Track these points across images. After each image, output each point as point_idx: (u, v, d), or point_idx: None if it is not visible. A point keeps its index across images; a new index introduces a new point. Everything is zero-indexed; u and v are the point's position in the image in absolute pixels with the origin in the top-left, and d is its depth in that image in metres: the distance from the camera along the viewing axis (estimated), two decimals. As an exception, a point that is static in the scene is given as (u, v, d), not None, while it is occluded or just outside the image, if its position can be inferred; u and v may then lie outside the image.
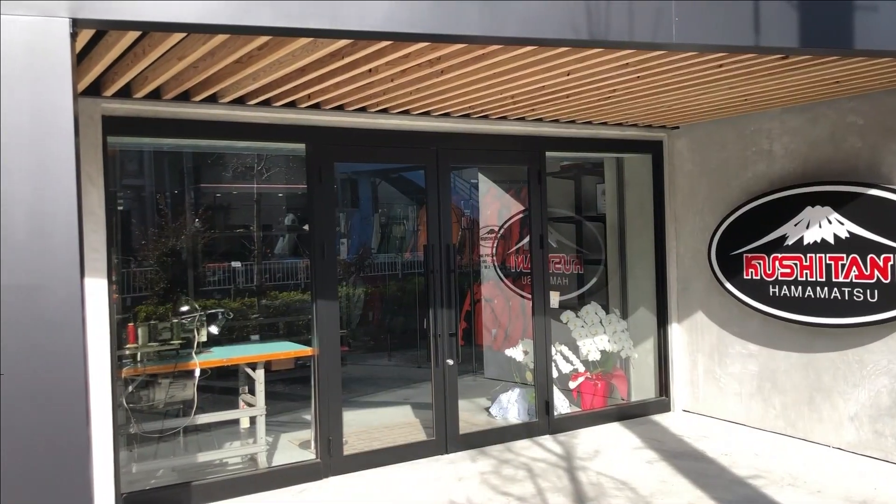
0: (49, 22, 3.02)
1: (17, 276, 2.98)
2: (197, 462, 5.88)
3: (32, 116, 2.99)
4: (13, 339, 2.94)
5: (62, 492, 3.02)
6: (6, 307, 2.91)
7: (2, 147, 2.96)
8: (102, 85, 4.74)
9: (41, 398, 2.99)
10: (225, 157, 16.07)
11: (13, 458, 2.96)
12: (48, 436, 2.99)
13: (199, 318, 5.80)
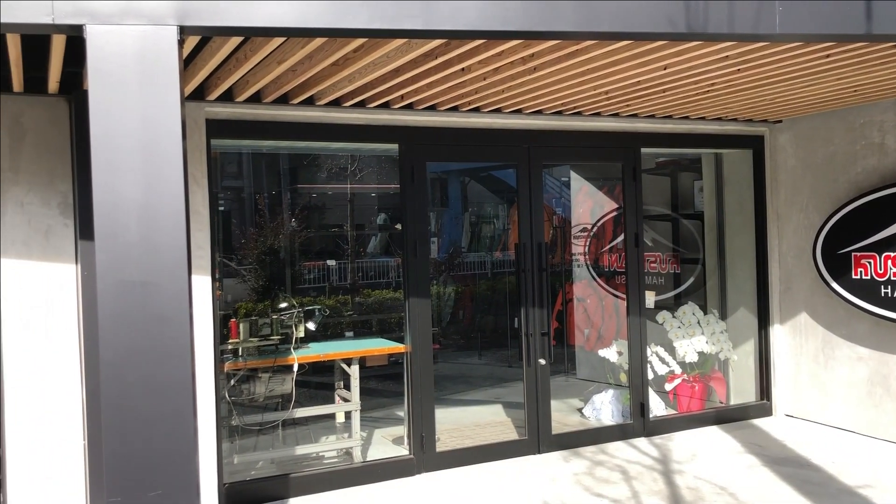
0: (158, 30, 3.15)
1: (129, 273, 3.12)
2: (295, 455, 6.05)
3: (143, 121, 3.13)
4: (127, 333, 3.09)
5: (170, 479, 3.15)
6: (122, 301, 3.07)
7: (116, 150, 3.12)
8: (206, 89, 4.93)
9: (152, 389, 3.12)
10: (319, 159, 16.45)
11: (120, 445, 3.11)
12: (158, 425, 3.13)
13: (297, 315, 5.96)
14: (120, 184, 3.13)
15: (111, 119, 3.12)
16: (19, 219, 4.72)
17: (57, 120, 4.81)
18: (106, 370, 3.10)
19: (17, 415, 4.72)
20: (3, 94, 4.66)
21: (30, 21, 3.11)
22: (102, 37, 3.14)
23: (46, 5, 3.11)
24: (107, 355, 3.10)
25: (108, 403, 3.10)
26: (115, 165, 3.13)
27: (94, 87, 3.11)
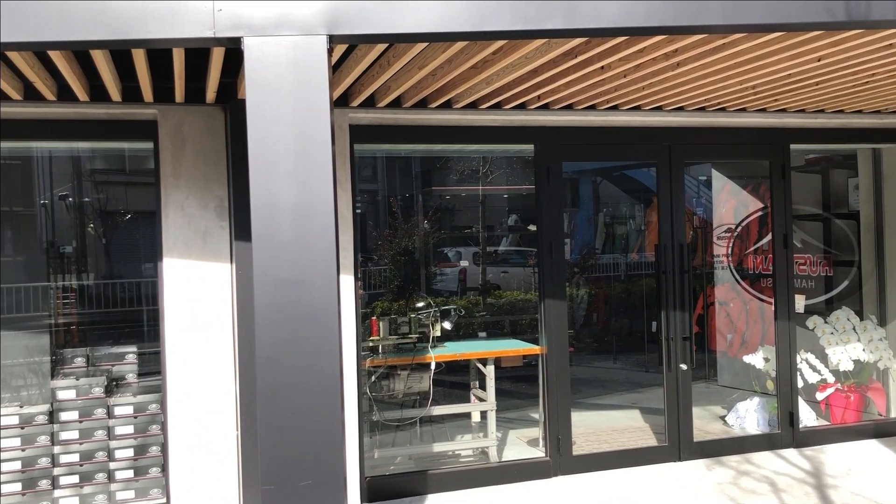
0: (309, 40, 3.29)
1: (284, 272, 3.27)
2: (432, 452, 6.16)
3: (295, 127, 3.27)
4: (280, 329, 3.25)
5: (319, 470, 3.27)
6: (277, 299, 3.22)
7: (271, 155, 3.28)
8: (350, 96, 5.10)
9: (303, 382, 3.26)
10: (451, 161, 16.66)
11: (274, 435, 3.27)
12: (308, 417, 3.26)
13: (434, 314, 6.07)
14: (275, 187, 3.29)
15: (267, 126, 3.29)
16: (180, 221, 5.05)
17: (213, 128, 5.11)
18: (262, 364, 3.27)
19: (178, 405, 5.05)
20: (166, 105, 5.00)
21: (194, 36, 3.31)
22: (258, 48, 3.31)
23: (208, 20, 3.30)
24: (262, 350, 3.27)
25: (263, 396, 3.27)
26: (271, 170, 3.29)
27: (252, 96, 3.29)
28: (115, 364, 5.45)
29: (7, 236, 6.38)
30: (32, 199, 6.18)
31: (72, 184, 6.55)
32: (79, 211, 6.42)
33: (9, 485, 5.02)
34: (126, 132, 5.10)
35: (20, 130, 4.94)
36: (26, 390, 5.48)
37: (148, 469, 5.23)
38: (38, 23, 3.24)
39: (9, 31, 3.26)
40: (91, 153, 6.16)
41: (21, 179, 6.13)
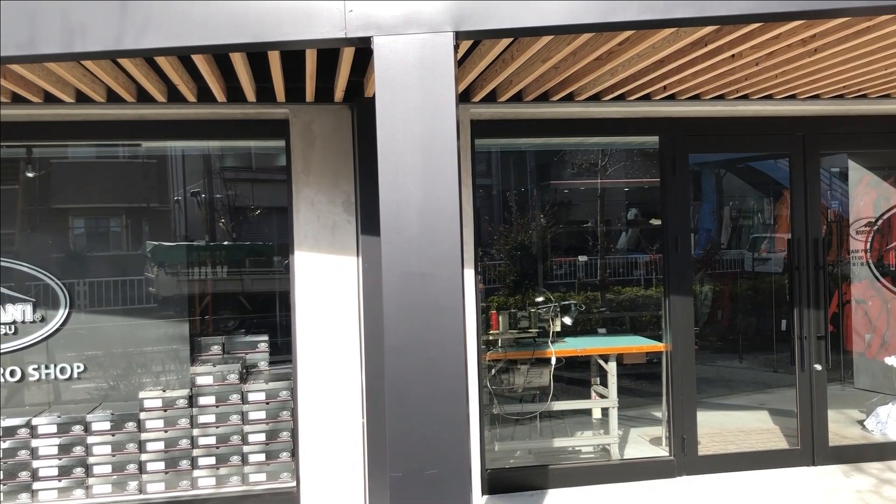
0: (436, 37, 3.35)
1: (410, 265, 3.35)
2: (552, 447, 6.14)
3: (422, 123, 3.34)
4: (408, 320, 3.33)
5: (445, 460, 3.33)
6: (404, 291, 3.31)
7: (399, 152, 3.36)
8: (472, 91, 5.14)
9: (429, 373, 3.33)
10: (568, 154, 16.46)
11: (402, 424, 3.35)
12: (434, 407, 3.33)
13: (554, 309, 6.04)
14: (403, 182, 3.37)
15: (395, 123, 3.37)
16: (310, 216, 5.25)
17: (341, 126, 5.27)
18: (390, 355, 3.36)
19: (307, 392, 5.26)
20: (297, 105, 5.20)
21: (326, 36, 3.44)
22: (387, 46, 3.39)
23: (340, 21, 3.41)
24: (391, 341, 3.36)
25: (391, 386, 3.36)
26: (399, 166, 3.37)
27: (381, 94, 3.38)
28: (249, 352, 5.73)
29: (145, 231, 6.80)
30: (167, 195, 6.57)
31: (203, 181, 6.92)
32: (209, 207, 6.77)
33: (154, 463, 5.37)
34: (260, 131, 5.34)
35: (165, 131, 5.26)
36: (165, 375, 5.83)
37: (279, 453, 5.47)
38: (185, 28, 3.44)
39: (158, 38, 3.48)
40: (220, 151, 6.49)
41: (157, 177, 6.52)
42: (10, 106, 4.91)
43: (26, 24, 3.51)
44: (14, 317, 5.46)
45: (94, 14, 3.45)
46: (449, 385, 3.35)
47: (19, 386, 5.55)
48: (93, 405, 5.57)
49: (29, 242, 5.92)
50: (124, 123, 5.17)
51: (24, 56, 3.57)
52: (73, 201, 6.34)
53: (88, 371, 5.62)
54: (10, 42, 3.55)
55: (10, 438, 5.27)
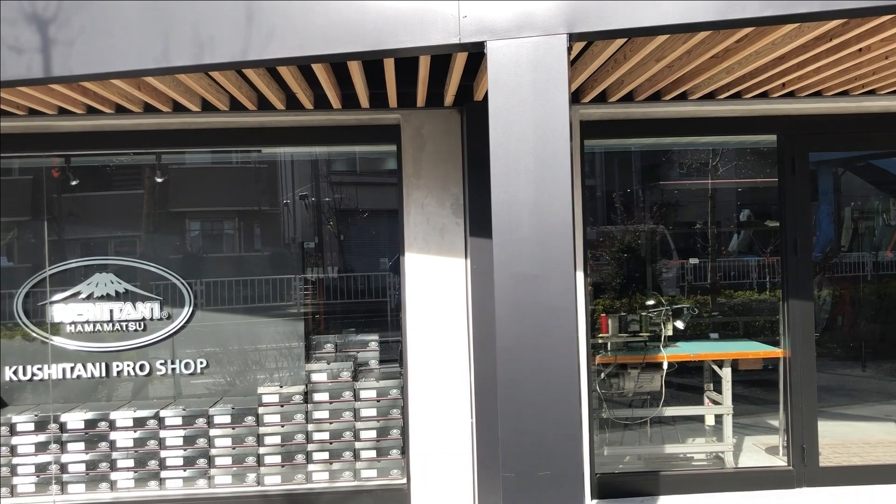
0: (549, 40, 3.36)
1: (522, 267, 3.37)
2: (662, 453, 6.02)
3: (535, 125, 3.35)
4: (520, 322, 3.35)
5: (558, 462, 3.33)
6: (516, 293, 3.33)
7: (511, 154, 3.39)
8: (581, 93, 5.11)
9: (542, 375, 3.34)
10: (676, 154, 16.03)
11: (514, 426, 3.37)
12: (547, 409, 3.33)
13: (665, 313, 5.93)
14: (515, 184, 3.39)
15: (508, 125, 3.40)
16: (420, 218, 5.35)
17: (450, 130, 5.35)
18: (502, 356, 3.39)
19: (417, 391, 5.35)
20: (408, 110, 5.31)
21: (441, 43, 3.50)
22: (500, 50, 3.42)
23: (454, 27, 3.47)
24: (503, 342, 3.39)
25: (503, 387, 3.39)
26: (511, 168, 3.40)
27: (494, 98, 3.41)
28: (360, 351, 5.88)
29: (256, 233, 7.08)
30: (277, 198, 6.83)
31: (310, 184, 7.15)
32: (317, 209, 6.98)
33: (271, 457, 5.60)
34: (372, 136, 5.49)
35: (283, 137, 5.49)
36: (278, 372, 6.06)
37: (389, 450, 5.59)
38: (306, 39, 3.58)
39: (281, 48, 3.63)
40: (327, 156, 6.69)
41: (267, 181, 6.78)
42: (143, 115, 5.23)
43: (161, 38, 3.73)
44: (143, 314, 5.81)
45: (222, 28, 3.64)
46: (561, 387, 3.35)
47: (147, 380, 5.90)
48: (214, 399, 5.85)
49: (154, 244, 6.28)
50: (245, 131, 5.42)
51: (158, 69, 3.81)
52: (191, 205, 6.67)
53: (210, 367, 5.91)
54: (147, 55, 3.78)
55: (141, 429, 5.60)
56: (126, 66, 3.81)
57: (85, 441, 5.58)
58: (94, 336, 5.76)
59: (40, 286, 5.79)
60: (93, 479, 5.56)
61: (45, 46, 3.84)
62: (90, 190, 6.21)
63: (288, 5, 3.59)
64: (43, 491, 5.54)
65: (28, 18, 3.85)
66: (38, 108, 4.96)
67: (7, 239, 6.30)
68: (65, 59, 3.83)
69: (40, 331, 5.77)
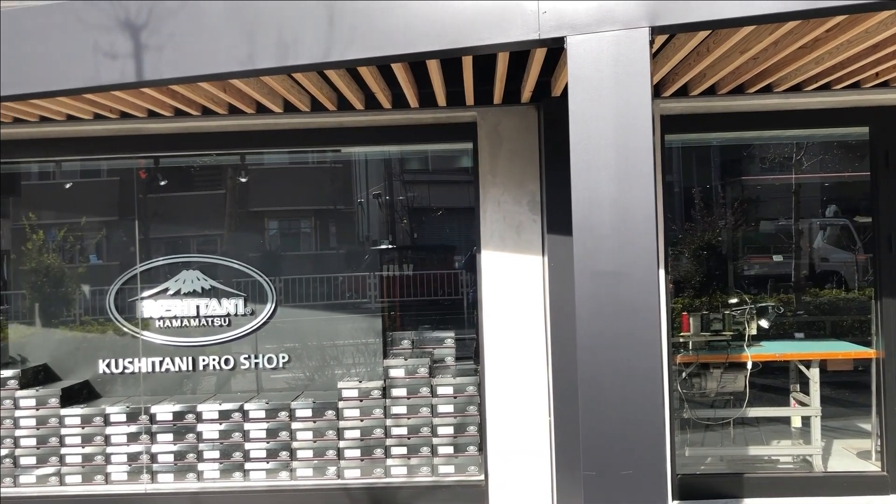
0: (630, 34, 3.31)
1: (603, 264, 3.33)
2: (746, 455, 5.86)
3: (616, 120, 3.31)
4: (601, 319, 3.31)
5: (639, 462, 3.29)
6: (597, 291, 3.30)
7: (592, 150, 3.35)
8: (662, 86, 5.02)
9: (623, 374, 3.30)
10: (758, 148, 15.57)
11: (595, 424, 3.34)
12: (629, 408, 3.29)
13: (749, 311, 5.77)
14: (595, 181, 3.36)
15: (588, 121, 3.37)
16: (496, 216, 5.35)
17: (527, 127, 5.33)
18: (583, 355, 3.36)
19: (494, 388, 5.36)
20: (484, 107, 5.32)
21: (520, 39, 3.49)
22: (580, 45, 3.40)
23: (533, 23, 3.45)
24: (584, 341, 3.36)
25: (584, 386, 3.36)
26: (591, 164, 3.37)
27: (574, 94, 3.39)
28: (436, 347, 5.93)
29: (332, 231, 7.21)
30: (351, 197, 6.93)
31: (383, 183, 7.23)
32: (390, 208, 7.06)
33: (350, 450, 5.69)
34: (449, 134, 5.51)
35: (362, 137, 5.57)
36: (355, 368, 6.15)
37: (466, 447, 5.61)
38: (386, 39, 3.63)
39: (362, 49, 3.68)
40: (399, 155, 6.75)
41: (342, 180, 6.89)
42: (227, 117, 5.38)
43: (246, 41, 3.83)
44: (228, 310, 5.98)
45: (305, 30, 3.72)
46: (644, 386, 3.30)
47: (230, 374, 6.07)
48: (295, 393, 5.98)
49: (236, 242, 6.46)
50: (325, 131, 5.52)
51: (243, 71, 3.92)
52: (269, 204, 6.84)
53: (291, 361, 6.05)
54: (233, 58, 3.90)
55: (226, 421, 5.77)
56: (213, 69, 3.93)
57: (173, 432, 5.78)
58: (181, 331, 5.97)
59: (130, 283, 6.04)
60: (181, 469, 5.76)
61: (137, 52, 4.00)
62: (175, 190, 6.44)
63: (368, 6, 3.64)
64: (135, 479, 5.77)
65: (121, 25, 4.01)
66: (129, 111, 5.17)
67: (97, 238, 6.59)
68: (155, 63, 3.98)
69: (131, 326, 6.02)
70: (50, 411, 5.83)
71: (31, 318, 6.41)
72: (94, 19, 4.08)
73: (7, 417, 5.83)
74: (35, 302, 6.40)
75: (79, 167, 6.45)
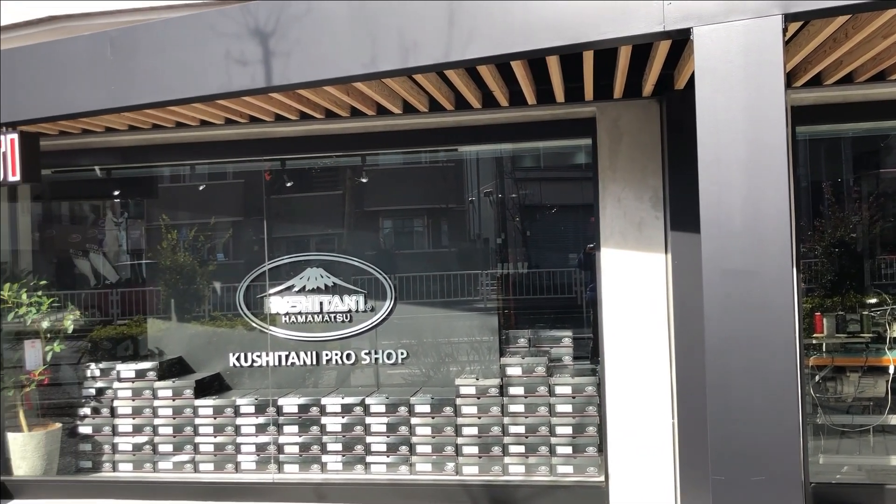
0: (761, 22, 3.18)
1: (734, 262, 3.21)
2: (889, 465, 5.51)
3: (746, 112, 3.18)
4: (731, 319, 3.20)
5: (773, 468, 3.15)
6: (726, 289, 3.18)
7: (720, 144, 3.24)
8: (793, 76, 4.79)
9: (754, 377, 3.17)
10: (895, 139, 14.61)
11: (725, 428, 3.22)
12: (760, 413, 3.16)
13: (892, 312, 5.41)
14: (725, 175, 3.24)
15: (717, 113, 3.25)
16: (616, 212, 5.25)
17: (648, 121, 5.20)
18: (711, 356, 3.25)
19: (614, 389, 5.26)
20: (603, 102, 5.23)
21: (643, 32, 3.42)
22: (708, 36, 3.29)
23: (658, 15, 3.37)
24: (712, 342, 3.25)
25: (712, 388, 3.25)
26: (720, 158, 3.25)
27: (701, 85, 3.28)
28: (553, 346, 5.88)
29: (444, 229, 7.26)
30: (463, 196, 6.96)
31: (494, 181, 7.23)
32: (501, 206, 7.05)
33: (468, 447, 5.73)
34: (567, 130, 5.46)
35: (478, 135, 5.59)
36: (470, 365, 6.18)
37: (585, 447, 5.54)
38: (506, 37, 3.63)
39: (481, 48, 3.69)
40: (511, 153, 6.73)
41: (454, 179, 6.93)
42: (349, 119, 5.52)
43: (369, 44, 3.92)
44: (349, 306, 6.15)
45: (425, 31, 3.77)
46: (777, 389, 3.16)
47: (350, 368, 6.24)
48: (413, 389, 6.08)
49: (355, 240, 6.63)
50: (443, 130, 5.57)
51: (366, 74, 4.01)
52: (384, 203, 6.97)
53: (410, 357, 6.15)
54: (356, 62, 3.99)
55: (348, 415, 5.93)
56: (337, 72, 4.04)
57: (298, 424, 5.99)
58: (305, 326, 6.18)
59: (257, 280, 6.30)
60: (305, 460, 5.96)
61: (266, 58, 4.16)
62: (298, 191, 6.67)
63: (488, 5, 3.65)
64: (262, 469, 6.02)
65: (251, 33, 4.19)
66: (258, 115, 5.39)
67: (224, 238, 6.91)
68: (283, 68, 4.13)
69: (259, 321, 6.28)
70: (185, 402, 6.16)
71: (167, 314, 6.80)
72: (225, 28, 4.27)
73: (146, 407, 6.20)
74: (170, 298, 6.78)
75: (206, 170, 6.79)
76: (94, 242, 7.51)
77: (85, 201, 7.60)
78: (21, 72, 4.88)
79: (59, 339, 6.21)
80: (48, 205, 7.21)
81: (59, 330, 6.24)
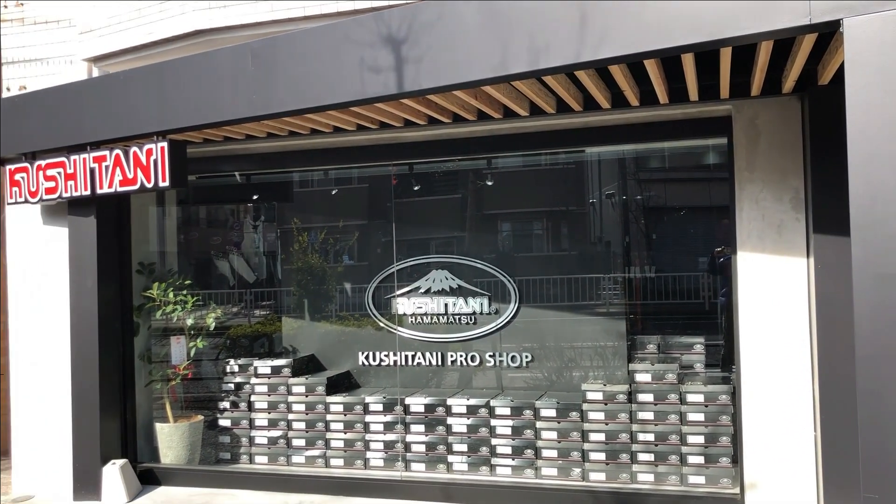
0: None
1: (890, 266, 3.04)
2: None
3: (902, 108, 3.00)
4: (886, 327, 3.02)
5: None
6: (880, 295, 3.00)
7: (873, 141, 3.06)
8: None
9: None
10: None
11: (878, 441, 3.05)
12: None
13: None
14: (878, 174, 3.07)
15: (869, 109, 3.09)
16: (754, 214, 5.03)
17: (788, 119, 4.96)
18: (863, 365, 3.08)
19: (751, 398, 5.03)
20: (739, 100, 5.03)
21: (787, 26, 3.28)
22: (859, 27, 3.13)
23: (804, 7, 3.23)
24: (864, 350, 3.08)
25: (864, 399, 3.08)
26: (873, 156, 3.09)
27: (852, 79, 3.12)
28: (684, 353, 5.71)
29: (564, 232, 7.17)
30: (583, 198, 6.85)
31: (616, 183, 7.07)
32: (624, 208, 6.89)
33: (595, 453, 5.64)
34: (700, 130, 5.29)
35: (608, 136, 5.51)
36: (594, 371, 6.08)
37: (718, 458, 5.35)
38: (639, 36, 3.57)
39: (613, 48, 3.64)
40: (634, 154, 6.56)
41: (574, 181, 6.83)
42: (476, 123, 5.57)
43: (499, 48, 3.95)
44: (473, 308, 6.19)
45: (557, 33, 3.76)
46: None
47: (473, 370, 6.27)
48: (538, 392, 6.05)
49: (478, 243, 6.67)
50: (570, 132, 5.52)
51: (495, 77, 4.04)
52: (506, 206, 6.97)
53: (534, 361, 6.13)
54: (485, 66, 4.03)
55: (473, 416, 5.97)
56: (467, 76, 4.09)
57: (425, 423, 6.09)
58: (430, 327, 6.27)
59: (385, 281, 6.45)
60: (431, 459, 6.05)
61: (398, 65, 4.26)
62: (422, 194, 6.78)
63: (621, 5, 3.60)
64: (390, 466, 6.15)
65: (384, 41, 4.30)
66: (388, 121, 5.52)
67: (351, 240, 7.11)
68: (414, 74, 4.22)
69: (386, 321, 6.43)
70: (317, 398, 6.38)
71: (299, 313, 7.07)
72: (359, 36, 4.41)
73: (281, 402, 6.47)
74: (302, 298, 7.05)
75: (334, 175, 7.01)
76: (233, 244, 7.91)
77: (225, 205, 8.02)
78: (169, 84, 5.22)
79: (201, 336, 6.58)
80: (190, 209, 7.65)
81: (202, 327, 6.61)
